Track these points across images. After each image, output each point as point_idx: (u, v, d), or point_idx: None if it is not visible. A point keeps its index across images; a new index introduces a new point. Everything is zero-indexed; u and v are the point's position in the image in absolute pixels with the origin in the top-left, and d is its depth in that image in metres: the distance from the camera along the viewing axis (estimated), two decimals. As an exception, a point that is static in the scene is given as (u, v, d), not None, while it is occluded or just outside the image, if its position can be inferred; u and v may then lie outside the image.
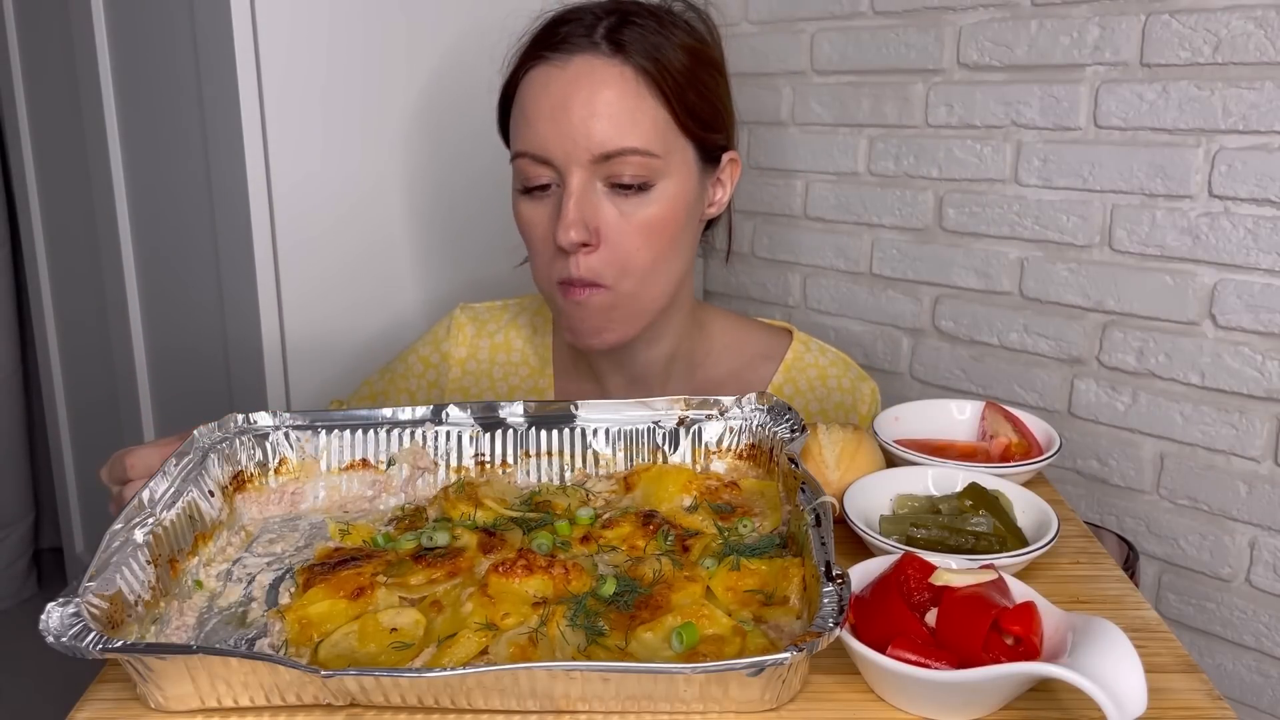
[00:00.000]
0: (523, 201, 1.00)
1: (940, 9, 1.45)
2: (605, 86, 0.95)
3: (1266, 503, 1.23)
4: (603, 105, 0.94)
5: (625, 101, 0.95)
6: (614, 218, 0.96)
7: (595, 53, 0.96)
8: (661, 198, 0.97)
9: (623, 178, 0.95)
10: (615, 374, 1.11)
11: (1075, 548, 0.77)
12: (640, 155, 0.95)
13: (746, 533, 0.74)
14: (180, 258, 1.59)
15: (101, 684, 0.62)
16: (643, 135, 0.95)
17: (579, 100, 0.94)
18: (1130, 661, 0.53)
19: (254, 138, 1.35)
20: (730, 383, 1.12)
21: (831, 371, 1.15)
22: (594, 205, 0.95)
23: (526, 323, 1.17)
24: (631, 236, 0.96)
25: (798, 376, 1.14)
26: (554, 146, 0.95)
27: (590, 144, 0.94)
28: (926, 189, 1.52)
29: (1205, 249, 1.25)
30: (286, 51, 1.35)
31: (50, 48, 1.85)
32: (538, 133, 0.95)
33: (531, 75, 0.97)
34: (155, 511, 0.69)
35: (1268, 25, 1.17)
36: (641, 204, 0.96)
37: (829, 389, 1.14)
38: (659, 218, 0.97)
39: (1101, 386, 1.36)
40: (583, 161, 0.94)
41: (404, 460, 0.83)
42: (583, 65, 0.96)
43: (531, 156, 0.96)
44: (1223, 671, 1.30)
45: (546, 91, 0.96)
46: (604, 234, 0.96)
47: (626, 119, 0.95)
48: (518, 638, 0.61)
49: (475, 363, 1.16)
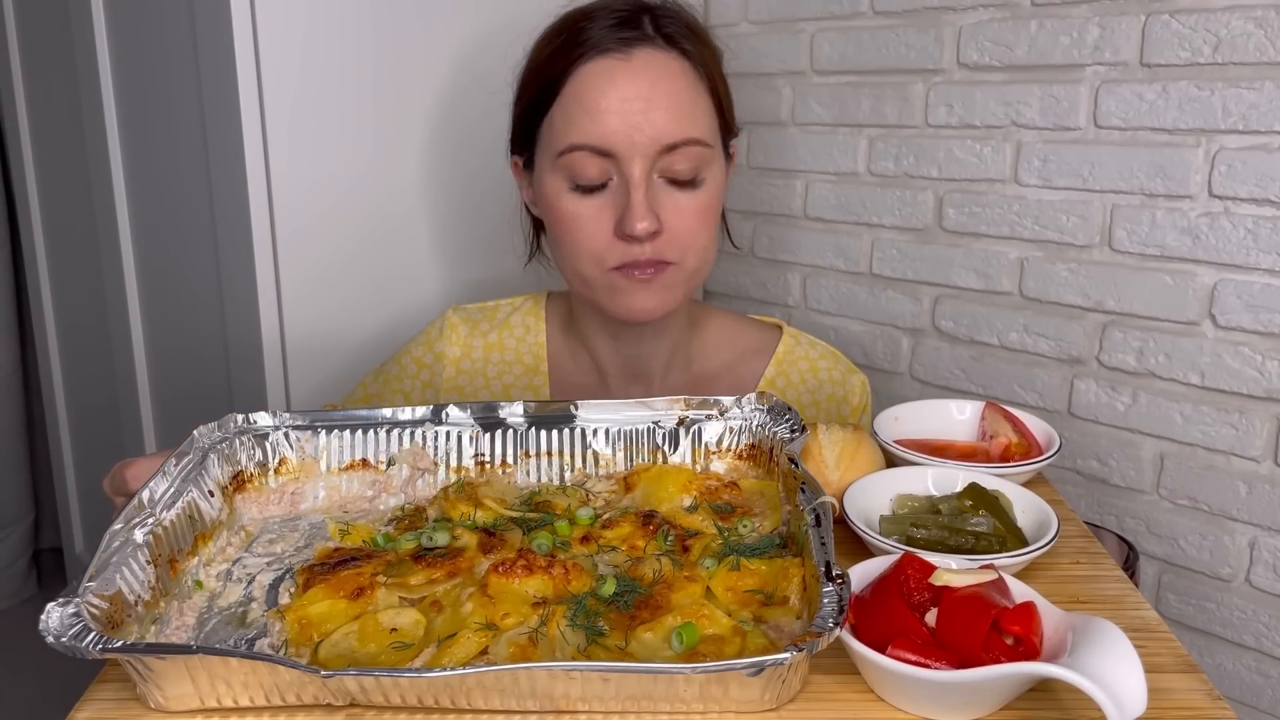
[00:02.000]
0: (569, 198, 1.00)
1: (940, 9, 1.45)
2: (669, 78, 0.98)
3: (1266, 503, 1.23)
4: (666, 97, 0.97)
5: (686, 93, 0.99)
6: (675, 207, 0.99)
7: (654, 45, 0.99)
8: (710, 186, 1.01)
9: (679, 171, 0.98)
10: (617, 367, 1.12)
11: (1075, 548, 0.77)
12: (699, 146, 0.98)
13: (746, 533, 0.74)
14: (180, 258, 1.59)
15: (101, 684, 0.62)
16: (700, 126, 0.99)
17: (645, 91, 0.96)
18: (1130, 661, 0.53)
19: (254, 138, 1.35)
20: (724, 376, 1.14)
21: (822, 365, 1.17)
22: (656, 196, 0.98)
23: (519, 322, 1.18)
24: (690, 222, 0.99)
25: (789, 370, 1.16)
26: (619, 138, 0.96)
27: (657, 134, 0.96)
28: (926, 189, 1.52)
29: (1205, 249, 1.24)
30: (286, 51, 1.35)
31: (50, 48, 1.85)
32: (600, 125, 0.96)
33: (587, 69, 0.98)
34: (155, 511, 0.69)
35: (1268, 25, 1.17)
36: (695, 195, 1.00)
37: (819, 381, 1.16)
38: (709, 205, 1.02)
39: (1101, 386, 1.36)
40: (648, 153, 0.96)
41: (404, 461, 0.83)
42: (646, 58, 0.98)
43: (591, 149, 0.97)
44: (1223, 671, 1.30)
45: (611, 84, 0.97)
46: (666, 222, 0.98)
47: (687, 111, 0.98)
48: (518, 638, 0.61)
49: (469, 361, 1.17)
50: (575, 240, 1.01)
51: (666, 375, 1.13)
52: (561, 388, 1.15)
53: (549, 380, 1.16)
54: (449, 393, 1.16)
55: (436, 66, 1.50)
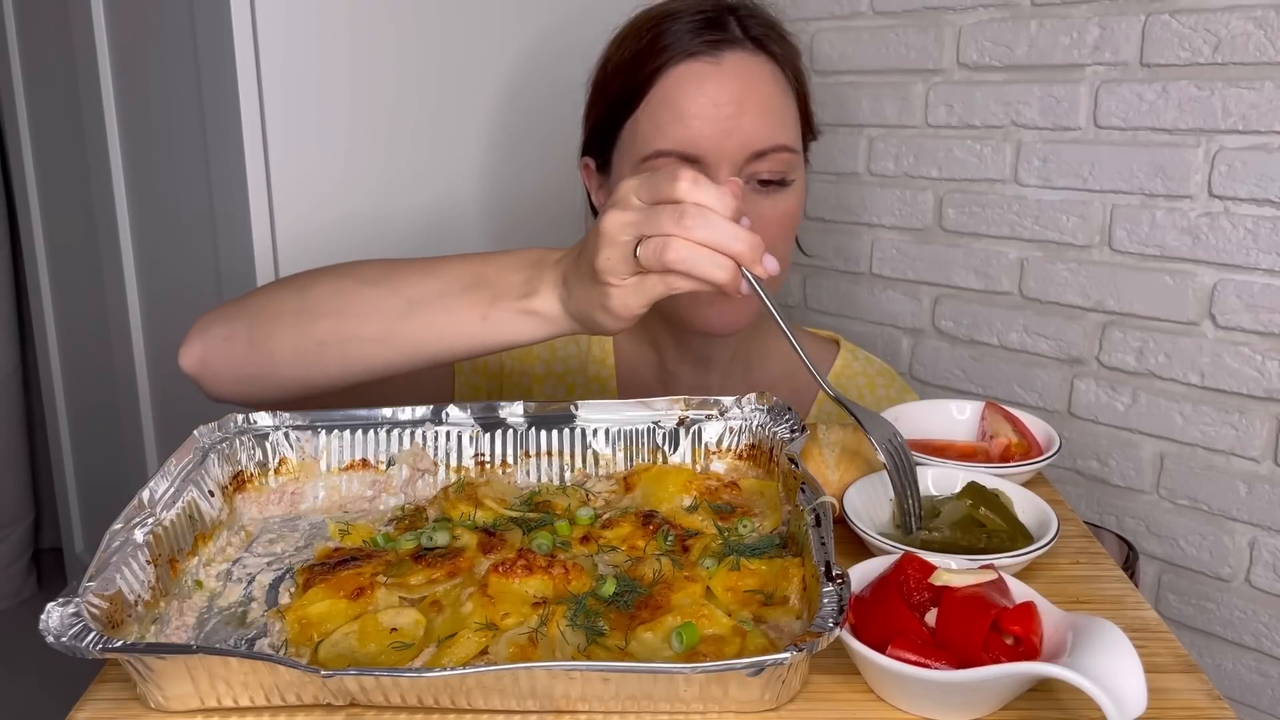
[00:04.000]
0: None
1: (940, 9, 1.45)
2: (760, 83, 0.97)
3: (1266, 503, 1.23)
4: (757, 102, 0.96)
5: (776, 99, 0.97)
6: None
7: (744, 49, 0.97)
8: (794, 193, 1.00)
9: (765, 174, 0.96)
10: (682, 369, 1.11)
11: (1075, 548, 0.77)
12: (787, 152, 0.97)
13: (746, 533, 0.74)
14: (180, 258, 1.59)
15: (101, 684, 0.62)
16: (788, 132, 0.98)
17: (737, 96, 0.95)
18: (1130, 661, 0.53)
19: (254, 138, 1.35)
20: (781, 385, 1.13)
21: (879, 382, 1.16)
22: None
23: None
24: (773, 228, 0.97)
25: (845, 385, 1.15)
26: (708, 143, 0.94)
27: (746, 140, 0.94)
28: (926, 189, 1.52)
29: (1205, 249, 1.25)
30: (286, 51, 1.35)
31: (50, 48, 1.85)
32: (690, 130, 0.95)
33: (676, 72, 0.96)
34: (155, 511, 0.69)
35: (1268, 25, 1.17)
36: (781, 199, 0.98)
37: (876, 399, 1.15)
38: (792, 212, 1.00)
39: (1101, 386, 1.36)
40: (736, 159, 0.95)
41: (404, 461, 0.83)
42: (737, 62, 0.96)
43: (680, 155, 0.95)
44: (1223, 671, 1.30)
45: (701, 89, 0.95)
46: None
47: (777, 116, 0.97)
48: (518, 638, 0.61)
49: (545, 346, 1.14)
50: None
51: (726, 379, 1.12)
52: (626, 386, 1.14)
53: (615, 376, 1.14)
54: (536, 363, 1.12)
55: (439, 66, 1.50)
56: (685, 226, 0.69)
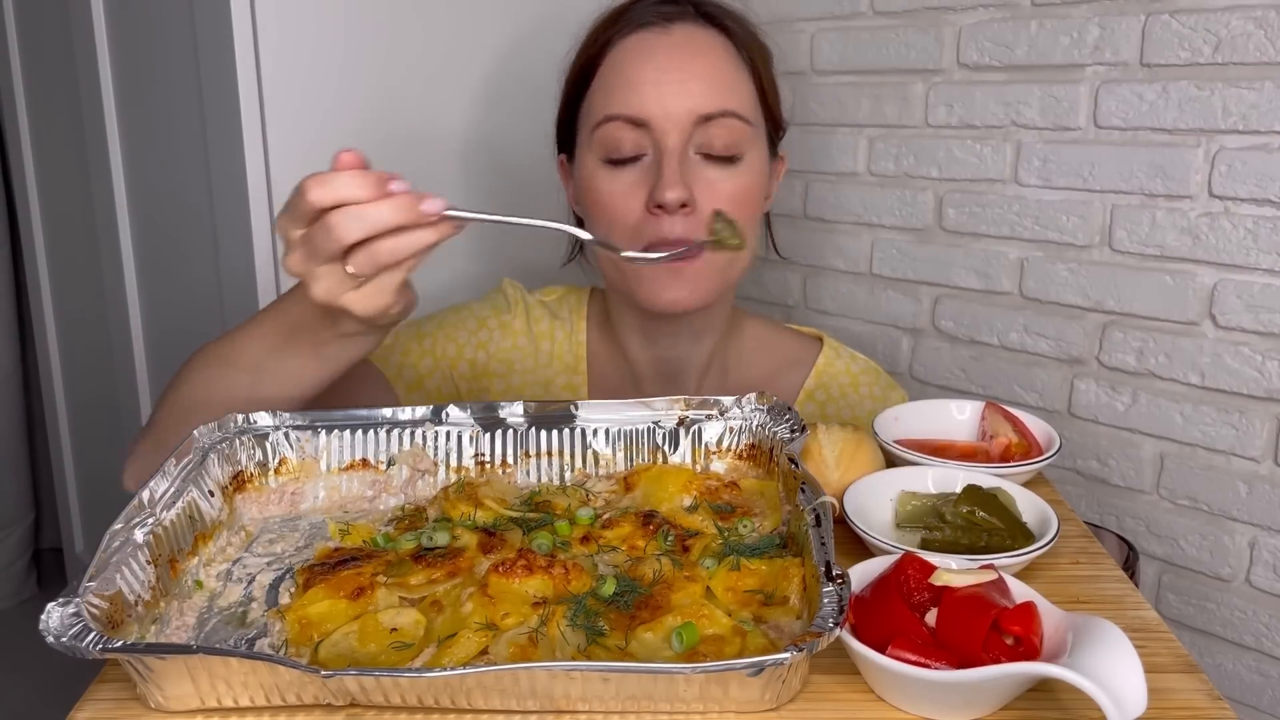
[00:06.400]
0: (603, 173, 0.99)
1: (940, 9, 1.45)
2: (709, 51, 0.99)
3: (1266, 503, 1.23)
4: (706, 68, 0.98)
5: (725, 65, 0.99)
6: (707, 184, 0.97)
7: (695, 22, 1.00)
8: (748, 169, 0.99)
9: (715, 146, 0.97)
10: (652, 371, 1.10)
11: (1075, 548, 0.77)
12: (737, 119, 0.97)
13: (746, 533, 0.74)
14: (180, 257, 1.59)
15: (101, 684, 0.62)
16: (739, 100, 0.99)
17: (684, 61, 0.97)
18: (1130, 661, 0.53)
19: (254, 138, 1.35)
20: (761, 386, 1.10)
21: (863, 380, 1.15)
22: (689, 169, 0.97)
23: (566, 316, 1.16)
24: (723, 202, 0.96)
25: (829, 383, 1.14)
26: (654, 107, 0.96)
27: (693, 104, 0.96)
28: (926, 189, 1.52)
29: (1205, 249, 1.25)
30: (286, 51, 1.35)
31: (50, 48, 1.85)
32: (638, 93, 0.97)
33: (627, 43, 0.99)
34: (155, 511, 0.69)
35: (1268, 25, 1.17)
36: (731, 174, 0.98)
37: (860, 397, 1.14)
38: (745, 188, 0.99)
39: (1101, 386, 1.36)
40: (683, 124, 0.96)
41: (404, 462, 0.83)
42: (685, 31, 0.99)
43: (626, 119, 0.97)
44: (1223, 671, 1.30)
45: (651, 54, 0.98)
46: (698, 198, 0.96)
47: (726, 83, 0.98)
48: (518, 638, 0.61)
49: (527, 339, 1.14)
50: (609, 218, 0.99)
51: (702, 382, 1.11)
52: (598, 389, 1.13)
53: (587, 381, 1.13)
54: (498, 364, 1.12)
55: (439, 66, 1.50)
56: (341, 236, 0.71)
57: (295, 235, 0.74)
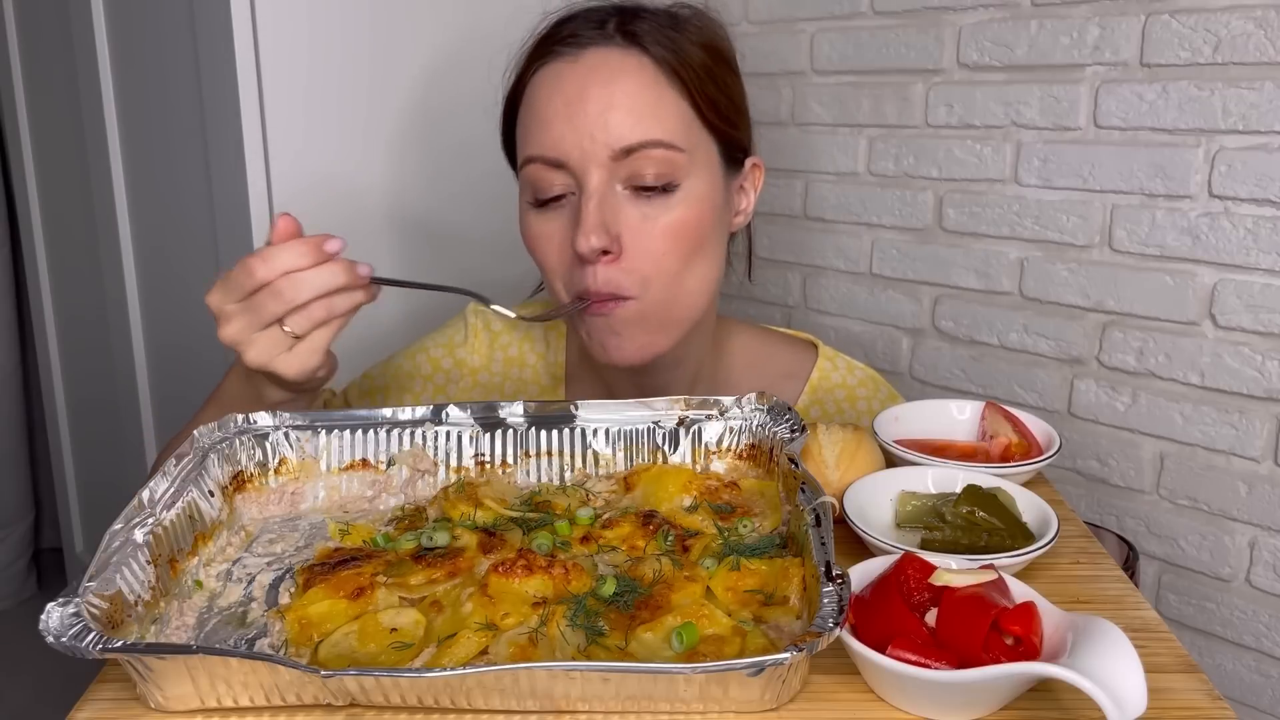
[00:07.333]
0: (533, 216, 0.93)
1: (940, 9, 1.45)
2: (622, 76, 0.88)
3: (1266, 503, 1.23)
4: (620, 96, 0.88)
5: (645, 92, 0.89)
6: (637, 222, 0.88)
7: (609, 44, 0.90)
8: (687, 199, 0.90)
9: (645, 178, 0.88)
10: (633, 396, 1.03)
11: (1075, 548, 0.77)
12: (663, 148, 0.88)
13: (746, 533, 0.74)
14: (180, 257, 1.59)
15: (101, 684, 0.62)
16: (665, 127, 0.88)
17: (594, 93, 0.87)
18: (1130, 661, 0.53)
19: (254, 138, 1.36)
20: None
21: (860, 392, 1.08)
22: (615, 209, 0.88)
23: (540, 336, 1.11)
24: (656, 241, 0.89)
25: (825, 398, 1.07)
26: (569, 145, 0.88)
27: (609, 138, 0.87)
28: (926, 189, 1.52)
29: (1205, 249, 1.25)
30: (286, 51, 1.35)
31: (50, 48, 1.85)
32: (551, 132, 0.88)
33: (540, 74, 0.92)
34: (155, 511, 0.69)
35: (1268, 25, 1.17)
36: (666, 206, 0.89)
37: (859, 412, 1.07)
38: (684, 221, 0.90)
39: (1101, 386, 1.36)
40: (601, 160, 0.87)
41: (404, 463, 0.83)
42: (596, 57, 0.90)
43: (544, 160, 0.89)
44: (1223, 671, 1.30)
45: (559, 87, 0.89)
46: (626, 240, 0.88)
47: (647, 110, 0.88)
48: (518, 638, 0.61)
49: (488, 374, 1.09)
50: (544, 263, 0.93)
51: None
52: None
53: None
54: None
55: (440, 67, 1.50)
56: (288, 300, 0.78)
57: (230, 308, 0.79)
